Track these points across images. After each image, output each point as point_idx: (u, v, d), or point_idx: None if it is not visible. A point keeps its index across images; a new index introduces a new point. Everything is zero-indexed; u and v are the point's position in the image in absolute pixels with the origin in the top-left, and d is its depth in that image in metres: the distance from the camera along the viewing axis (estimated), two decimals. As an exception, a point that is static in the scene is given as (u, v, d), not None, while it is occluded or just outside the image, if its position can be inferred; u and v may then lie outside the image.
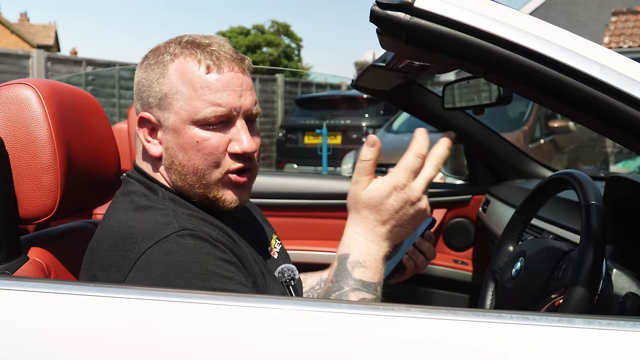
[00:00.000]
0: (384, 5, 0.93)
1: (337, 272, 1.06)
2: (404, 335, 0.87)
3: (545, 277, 1.27)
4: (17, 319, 0.93)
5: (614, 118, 0.89)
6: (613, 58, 0.90)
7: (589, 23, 15.80)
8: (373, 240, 1.06)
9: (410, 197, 1.04)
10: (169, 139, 1.17)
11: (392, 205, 1.04)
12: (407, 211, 1.04)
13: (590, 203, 1.15)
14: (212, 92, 1.14)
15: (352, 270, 1.04)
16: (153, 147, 1.19)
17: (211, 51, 1.16)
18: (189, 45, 1.17)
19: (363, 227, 1.06)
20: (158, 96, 1.16)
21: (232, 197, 1.19)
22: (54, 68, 9.81)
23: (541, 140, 6.80)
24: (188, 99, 1.14)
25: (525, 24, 0.92)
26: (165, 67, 1.16)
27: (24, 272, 1.15)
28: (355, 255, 1.05)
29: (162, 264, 1.04)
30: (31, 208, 1.19)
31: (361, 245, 1.06)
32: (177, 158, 1.16)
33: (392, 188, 1.04)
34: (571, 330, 0.85)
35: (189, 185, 1.17)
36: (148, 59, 1.20)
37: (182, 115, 1.14)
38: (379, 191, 1.04)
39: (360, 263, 1.05)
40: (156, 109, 1.17)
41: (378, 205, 1.04)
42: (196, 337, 0.89)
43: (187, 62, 1.15)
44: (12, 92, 1.19)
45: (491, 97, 1.85)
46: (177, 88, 1.15)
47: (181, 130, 1.15)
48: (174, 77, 1.15)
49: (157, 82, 1.17)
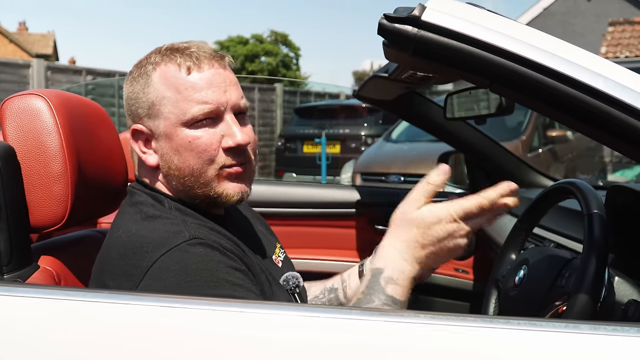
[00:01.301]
0: (392, 19, 0.95)
1: (370, 285, 1.07)
2: (412, 342, 0.87)
3: (548, 285, 1.28)
4: (30, 326, 0.94)
5: (616, 129, 0.91)
6: (615, 70, 0.92)
7: (585, 33, 15.87)
8: (408, 260, 1.07)
9: (456, 231, 1.06)
10: (163, 146, 1.18)
11: (438, 232, 1.06)
12: (447, 243, 1.06)
13: (593, 212, 1.16)
14: (197, 91, 1.16)
15: (385, 286, 1.06)
16: (150, 157, 1.21)
17: (190, 53, 1.18)
18: (168, 51, 1.20)
19: (403, 245, 1.08)
20: (146, 106, 1.18)
21: (233, 189, 1.20)
22: (54, 77, 9.82)
23: (539, 149, 6.82)
24: (174, 102, 1.16)
25: (530, 37, 0.94)
26: (149, 77, 1.19)
27: (35, 280, 1.16)
28: (390, 271, 1.07)
29: (174, 272, 1.05)
30: (42, 217, 1.20)
31: (397, 263, 1.07)
32: (173, 162, 1.18)
33: (443, 217, 1.05)
34: (577, 336, 0.86)
35: (189, 187, 1.19)
36: (132, 74, 1.23)
37: (172, 119, 1.16)
38: (431, 215, 1.06)
39: (393, 280, 1.06)
40: (146, 119, 1.19)
41: (425, 228, 1.06)
42: (206, 344, 0.90)
43: (168, 67, 1.18)
44: (24, 102, 1.21)
45: (493, 107, 1.87)
46: (162, 94, 1.17)
47: (173, 134, 1.16)
48: (158, 84, 1.17)
49: (143, 92, 1.19)
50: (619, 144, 0.95)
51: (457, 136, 2.37)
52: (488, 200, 1.06)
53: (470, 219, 1.06)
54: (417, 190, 1.08)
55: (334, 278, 1.51)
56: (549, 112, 1.01)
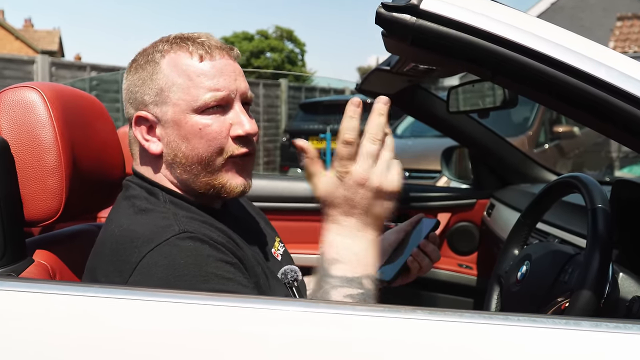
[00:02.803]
0: (389, 8, 0.93)
1: (318, 274, 1.03)
2: (409, 337, 0.86)
3: (551, 281, 1.26)
4: (23, 321, 0.93)
5: (621, 120, 0.89)
6: (619, 60, 0.90)
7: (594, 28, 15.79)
8: (346, 235, 1.02)
9: (356, 181, 0.98)
10: (170, 133, 1.17)
11: (344, 194, 0.99)
12: (363, 195, 0.99)
13: (597, 206, 1.14)
14: (209, 78, 1.15)
15: (329, 268, 1.01)
16: (153, 145, 1.19)
17: (201, 42, 1.18)
18: (178, 40, 1.19)
19: (332, 225, 1.03)
20: (153, 92, 1.17)
21: (237, 181, 1.19)
22: (58, 73, 9.85)
23: (546, 145, 6.79)
24: (185, 89, 1.15)
25: (532, 26, 0.91)
26: (157, 64, 1.17)
27: (29, 274, 1.15)
28: (331, 253, 1.02)
29: (162, 267, 1.03)
30: (36, 211, 1.19)
31: (335, 243, 1.02)
32: (180, 150, 1.16)
33: (335, 181, 1.00)
34: (578, 333, 0.84)
35: (194, 175, 1.17)
36: (137, 62, 1.21)
37: (182, 106, 1.15)
38: (327, 187, 1.01)
39: (336, 260, 1.01)
40: (152, 106, 1.18)
41: (332, 200, 1.01)
42: (198, 338, 0.88)
43: (179, 55, 1.17)
44: (18, 95, 1.20)
45: (496, 101, 1.85)
46: (172, 80, 1.16)
47: (182, 120, 1.15)
48: (167, 71, 1.16)
49: (150, 79, 1.17)
50: (624, 136, 0.93)
51: (461, 131, 2.36)
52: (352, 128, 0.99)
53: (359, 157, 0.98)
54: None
55: None
56: (553, 104, 0.99)
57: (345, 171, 0.99)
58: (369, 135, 1.00)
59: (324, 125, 9.51)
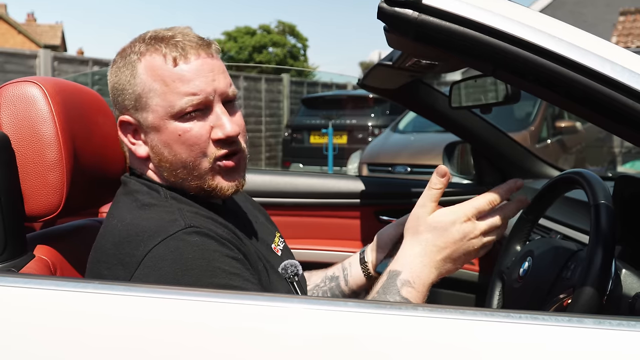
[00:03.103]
0: (392, 2, 0.92)
1: (385, 286, 1.08)
2: (410, 334, 0.86)
3: (553, 277, 1.25)
4: (23, 316, 0.93)
5: (623, 115, 0.88)
6: (623, 55, 0.89)
7: (596, 23, 15.73)
8: (427, 265, 1.09)
9: (471, 231, 1.08)
10: (152, 138, 1.17)
11: (453, 234, 1.08)
12: (463, 244, 1.08)
13: (600, 202, 1.13)
14: (184, 82, 1.13)
15: (400, 288, 1.07)
16: (139, 148, 1.19)
17: (175, 42, 1.15)
18: (153, 40, 1.17)
19: (420, 250, 1.09)
20: (133, 98, 1.16)
21: (227, 183, 1.18)
22: (60, 68, 9.84)
23: (548, 140, 6.77)
24: (162, 95, 1.14)
25: (534, 21, 0.91)
26: (134, 68, 1.16)
27: (29, 269, 1.15)
28: (407, 274, 1.08)
29: (170, 261, 1.03)
30: (37, 206, 1.19)
31: (414, 267, 1.09)
32: (164, 155, 1.16)
33: (457, 218, 1.08)
34: (581, 331, 0.84)
35: (182, 179, 1.17)
36: (117, 63, 1.20)
37: (160, 112, 1.14)
38: (445, 217, 1.09)
39: (409, 283, 1.07)
40: (133, 111, 1.17)
41: (441, 230, 1.08)
42: (202, 334, 0.88)
43: (154, 58, 1.15)
44: (19, 89, 1.19)
45: (498, 96, 1.84)
46: (149, 86, 1.14)
47: (161, 126, 1.15)
48: (144, 76, 1.15)
49: (129, 83, 1.17)
50: (626, 131, 0.92)
51: (463, 126, 2.35)
52: (498, 196, 1.10)
53: (485, 217, 1.09)
54: (423, 197, 1.11)
55: (334, 266, 1.49)
56: (555, 99, 0.99)
57: (470, 218, 1.08)
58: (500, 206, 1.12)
59: (326, 120, 9.49)
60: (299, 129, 10.03)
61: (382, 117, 9.54)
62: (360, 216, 2.41)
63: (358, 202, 2.38)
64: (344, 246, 2.38)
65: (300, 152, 9.92)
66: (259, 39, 30.10)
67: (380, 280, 1.11)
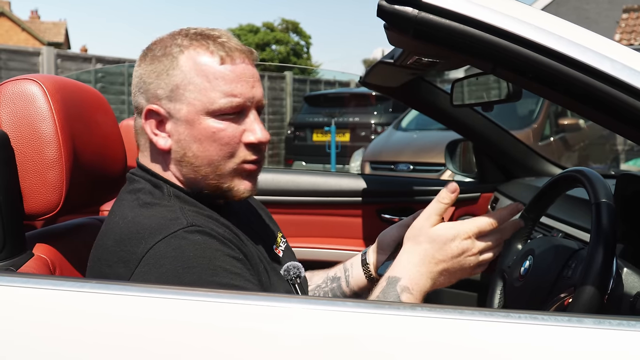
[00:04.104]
0: (391, 0, 0.92)
1: (385, 291, 1.11)
2: (410, 334, 0.86)
3: (554, 276, 1.25)
4: (21, 316, 0.93)
5: (623, 113, 0.87)
6: (624, 52, 0.89)
7: (599, 20, 15.70)
8: (424, 274, 1.11)
9: (470, 249, 1.11)
10: (181, 131, 1.15)
11: (452, 249, 1.11)
12: (460, 260, 1.11)
13: (601, 201, 1.13)
14: (227, 82, 1.14)
15: (400, 293, 1.10)
16: (161, 140, 1.17)
17: (222, 43, 1.16)
18: (198, 36, 1.16)
19: (419, 259, 1.12)
20: (168, 87, 1.15)
21: (245, 186, 1.20)
22: (63, 65, 9.85)
23: (551, 138, 6.75)
24: (202, 90, 1.13)
25: (533, 18, 0.90)
26: (175, 59, 1.15)
27: (28, 268, 1.14)
28: (406, 281, 1.11)
29: (171, 258, 1.03)
30: (36, 204, 1.18)
31: (413, 275, 1.11)
32: (191, 150, 1.15)
33: (458, 234, 1.11)
34: (581, 330, 0.83)
35: (202, 176, 1.17)
36: (153, 52, 1.18)
37: (197, 106, 1.13)
38: (447, 232, 1.11)
39: (408, 289, 1.10)
40: (166, 101, 1.15)
41: (441, 244, 1.11)
42: (201, 334, 0.88)
43: (199, 53, 1.14)
44: (18, 87, 1.19)
45: (500, 94, 1.83)
46: (189, 79, 1.14)
47: (195, 121, 1.14)
48: (186, 68, 1.14)
49: (166, 73, 1.15)
50: (627, 129, 0.92)
51: (465, 124, 2.34)
52: (499, 219, 1.13)
53: (484, 237, 1.12)
54: (430, 208, 1.14)
55: (336, 267, 1.49)
56: (554, 97, 0.98)
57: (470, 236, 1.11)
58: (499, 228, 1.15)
59: (329, 118, 9.49)
60: (301, 126, 10.03)
61: (385, 115, 9.53)
62: (362, 214, 2.41)
63: (360, 200, 2.38)
64: (346, 244, 2.38)
65: (303, 150, 9.92)
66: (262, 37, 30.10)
67: (379, 286, 1.12)
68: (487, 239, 1.12)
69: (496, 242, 1.14)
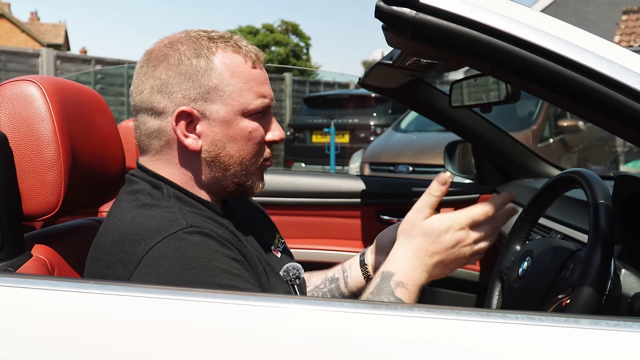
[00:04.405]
0: (389, 1, 0.92)
1: (379, 287, 1.10)
2: (407, 335, 0.86)
3: (552, 277, 1.25)
4: (20, 316, 0.93)
5: (621, 115, 0.88)
6: (622, 54, 0.89)
7: (599, 22, 15.72)
8: (418, 267, 1.11)
9: (464, 239, 1.10)
10: (217, 131, 1.17)
11: (447, 241, 1.10)
12: (455, 251, 1.11)
13: (599, 202, 1.13)
14: (259, 84, 1.19)
15: (394, 289, 1.09)
16: (192, 141, 1.17)
17: (250, 49, 1.21)
18: (223, 40, 1.20)
19: (413, 253, 1.11)
20: (204, 89, 1.15)
21: (262, 183, 1.26)
22: (63, 66, 9.86)
23: (550, 139, 6.76)
24: (240, 91, 1.17)
25: (531, 20, 0.90)
26: (209, 60, 1.16)
27: (27, 269, 1.14)
28: (400, 275, 1.10)
29: (170, 259, 1.03)
30: (35, 205, 1.19)
31: (407, 269, 1.11)
32: (225, 150, 1.18)
33: (452, 225, 1.10)
34: (578, 331, 0.83)
35: (232, 175, 1.20)
36: (178, 53, 1.16)
37: (235, 107, 1.17)
38: (440, 224, 1.10)
39: (403, 284, 1.09)
40: (201, 102, 1.16)
41: (435, 236, 1.10)
42: (200, 335, 0.88)
43: (232, 56, 1.18)
44: (16, 88, 1.19)
45: (499, 95, 1.84)
46: (227, 80, 1.16)
47: (233, 121, 1.17)
48: (222, 70, 1.16)
49: (202, 75, 1.15)
50: (625, 131, 0.92)
51: (464, 125, 2.34)
52: (493, 208, 1.11)
53: (478, 226, 1.11)
54: (421, 202, 1.13)
55: (334, 268, 1.49)
56: (553, 98, 0.98)
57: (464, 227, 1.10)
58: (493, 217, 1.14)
59: (328, 119, 9.49)
60: (301, 128, 10.03)
61: (384, 117, 9.53)
62: (361, 216, 2.41)
63: (359, 201, 2.38)
64: (345, 246, 2.38)
65: (302, 151, 9.92)
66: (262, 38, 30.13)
67: (373, 281, 1.12)
68: (481, 229, 1.12)
69: (491, 231, 1.13)
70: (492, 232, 1.13)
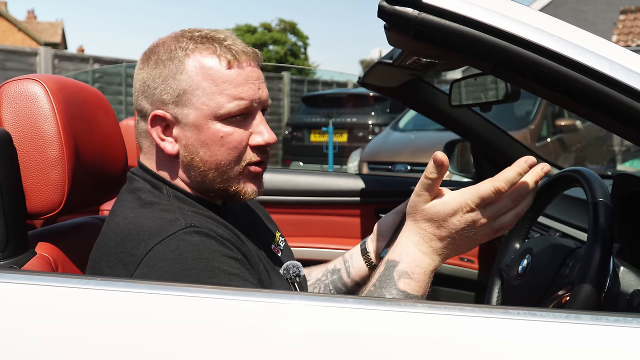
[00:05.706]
0: (392, 1, 0.93)
1: (381, 278, 1.06)
2: (409, 331, 0.86)
3: (552, 275, 1.26)
4: (25, 313, 0.94)
5: (622, 114, 0.88)
6: (622, 54, 0.90)
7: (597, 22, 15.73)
8: (426, 253, 1.05)
9: (477, 220, 1.02)
10: (189, 136, 1.15)
11: (455, 224, 1.02)
12: (467, 233, 1.03)
13: (598, 200, 1.14)
14: (234, 86, 1.13)
15: (397, 280, 1.04)
16: (168, 145, 1.16)
17: (229, 46, 1.15)
18: (204, 39, 1.16)
19: (419, 238, 1.06)
20: (175, 93, 1.14)
21: (252, 188, 1.20)
22: (61, 65, 9.85)
23: (548, 138, 6.77)
24: (210, 95, 1.13)
25: (533, 19, 0.91)
26: (181, 63, 1.14)
27: (31, 266, 1.15)
28: (405, 264, 1.05)
29: (169, 260, 1.04)
30: (39, 203, 1.19)
31: (413, 256, 1.05)
32: (198, 155, 1.15)
33: (458, 208, 1.02)
34: (579, 327, 0.84)
35: (210, 180, 1.17)
36: (157, 55, 1.16)
37: (204, 111, 1.13)
38: (444, 207, 1.03)
39: (407, 274, 1.04)
40: (172, 106, 1.15)
41: (440, 221, 1.03)
42: (202, 332, 0.89)
43: (205, 56, 1.14)
44: (20, 87, 1.20)
45: (498, 94, 1.84)
46: (197, 84, 1.13)
47: (203, 126, 1.13)
48: (193, 73, 1.13)
49: (172, 78, 1.14)
50: (625, 129, 0.93)
51: (463, 124, 2.35)
52: (505, 182, 0.99)
53: (491, 204, 1.01)
54: (419, 185, 1.05)
55: (335, 260, 1.48)
56: (553, 97, 0.99)
57: (473, 208, 1.01)
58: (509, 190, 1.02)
59: (327, 118, 9.49)
60: (299, 127, 10.03)
61: (383, 116, 9.54)
62: (360, 214, 2.41)
63: (358, 200, 2.38)
64: (344, 244, 2.38)
65: (300, 150, 9.92)
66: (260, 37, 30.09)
67: (377, 271, 1.08)
68: (499, 204, 1.02)
69: (513, 202, 1.02)
70: (516, 203, 1.03)
